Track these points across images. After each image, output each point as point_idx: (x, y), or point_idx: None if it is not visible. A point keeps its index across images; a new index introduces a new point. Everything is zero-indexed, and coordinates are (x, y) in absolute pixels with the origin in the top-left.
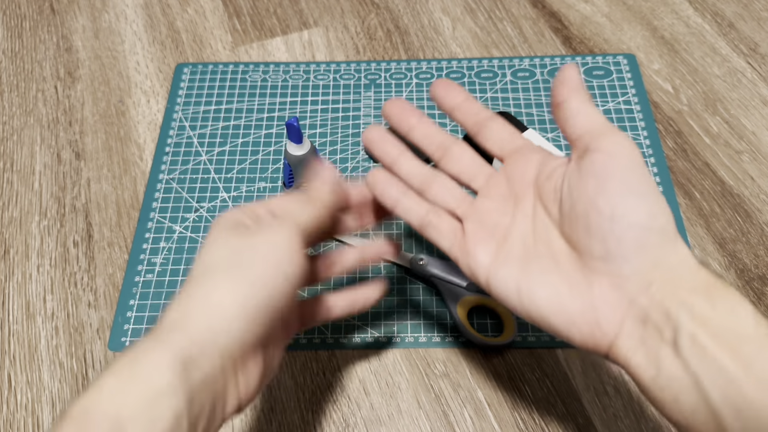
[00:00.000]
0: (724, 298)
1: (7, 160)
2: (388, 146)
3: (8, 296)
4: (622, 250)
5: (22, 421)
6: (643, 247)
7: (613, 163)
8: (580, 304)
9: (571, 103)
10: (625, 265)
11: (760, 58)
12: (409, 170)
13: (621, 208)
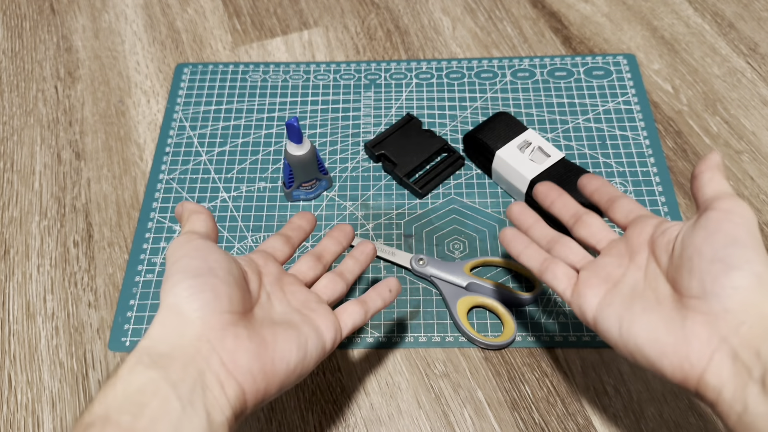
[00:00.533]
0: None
1: (8, 160)
2: (526, 215)
3: (8, 296)
4: (717, 289)
5: (22, 420)
6: (737, 288)
7: (725, 218)
8: (673, 338)
9: (705, 174)
10: (718, 303)
11: (759, 58)
12: (540, 233)
13: (722, 253)
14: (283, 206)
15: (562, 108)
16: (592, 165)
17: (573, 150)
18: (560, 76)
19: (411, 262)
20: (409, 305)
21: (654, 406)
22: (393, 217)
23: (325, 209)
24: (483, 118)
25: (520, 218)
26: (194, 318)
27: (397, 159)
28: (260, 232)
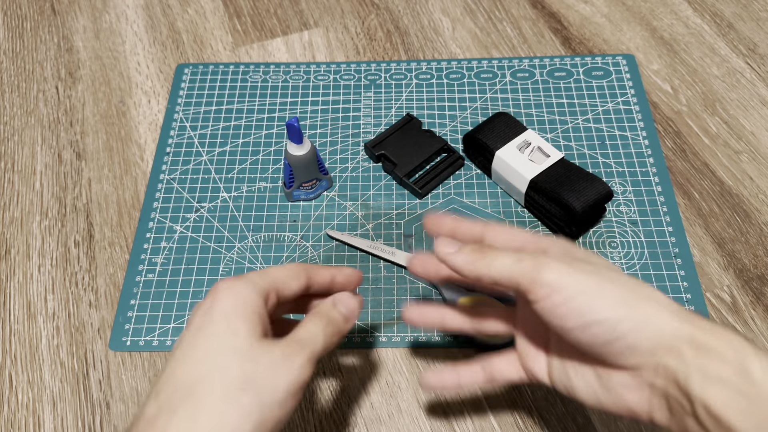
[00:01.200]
0: (726, 356)
1: (8, 161)
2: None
3: (9, 296)
4: (609, 357)
5: (23, 420)
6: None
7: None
8: (612, 397)
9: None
10: (628, 359)
11: (759, 59)
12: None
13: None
14: (283, 206)
15: (562, 108)
16: (592, 165)
17: (572, 150)
18: (560, 76)
19: None
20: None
21: None
22: (393, 217)
23: (325, 209)
24: (483, 118)
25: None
26: None
27: (397, 159)
28: (260, 232)
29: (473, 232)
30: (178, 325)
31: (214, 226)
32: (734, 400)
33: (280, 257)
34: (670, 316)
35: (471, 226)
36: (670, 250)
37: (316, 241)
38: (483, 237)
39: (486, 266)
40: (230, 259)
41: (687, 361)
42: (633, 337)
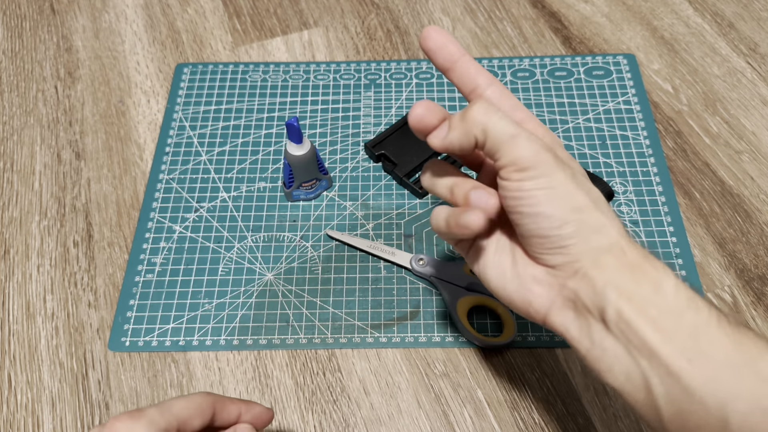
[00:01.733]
0: (648, 274)
1: (7, 160)
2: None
3: (8, 296)
4: (540, 249)
5: (22, 421)
6: (562, 245)
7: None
8: (517, 285)
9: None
10: (555, 258)
11: (759, 58)
12: None
13: (552, 213)
14: (283, 206)
15: (562, 108)
16: (593, 165)
17: (573, 150)
18: (560, 76)
19: (411, 262)
20: (409, 305)
21: None
22: (393, 217)
23: (325, 209)
24: None
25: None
26: None
27: (397, 159)
28: (260, 232)
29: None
30: (177, 326)
31: (213, 226)
32: (646, 310)
33: (280, 257)
34: (614, 235)
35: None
36: (671, 250)
37: (315, 241)
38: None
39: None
40: (230, 259)
41: (607, 273)
42: (571, 241)
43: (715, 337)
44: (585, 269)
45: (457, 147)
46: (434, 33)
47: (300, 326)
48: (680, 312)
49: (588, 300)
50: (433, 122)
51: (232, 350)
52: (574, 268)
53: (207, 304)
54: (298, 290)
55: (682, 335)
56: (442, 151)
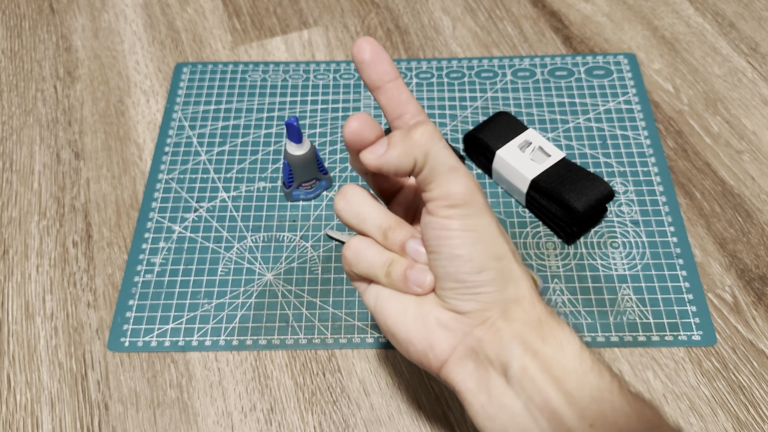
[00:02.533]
0: (555, 332)
1: (7, 160)
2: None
3: (7, 296)
4: (452, 293)
5: (21, 421)
6: (477, 291)
7: (441, 233)
8: (420, 326)
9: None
10: (467, 304)
11: (760, 58)
12: None
13: (473, 257)
14: (282, 206)
15: (563, 107)
16: (593, 165)
17: (573, 150)
18: (561, 75)
19: None
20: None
21: None
22: None
23: (325, 209)
24: (483, 117)
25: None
26: None
27: None
28: (260, 232)
29: (403, 100)
30: (176, 326)
31: (213, 226)
32: (552, 369)
33: (280, 257)
34: (525, 288)
35: (407, 95)
36: (672, 251)
37: (315, 241)
38: (408, 118)
39: (422, 155)
40: (229, 259)
41: (516, 325)
42: (487, 289)
43: (617, 403)
44: (494, 319)
45: (393, 168)
46: (368, 45)
47: (300, 326)
48: (584, 374)
49: (492, 351)
50: (370, 138)
51: (231, 350)
52: (484, 316)
53: (206, 304)
54: (298, 290)
55: (585, 398)
56: (375, 170)
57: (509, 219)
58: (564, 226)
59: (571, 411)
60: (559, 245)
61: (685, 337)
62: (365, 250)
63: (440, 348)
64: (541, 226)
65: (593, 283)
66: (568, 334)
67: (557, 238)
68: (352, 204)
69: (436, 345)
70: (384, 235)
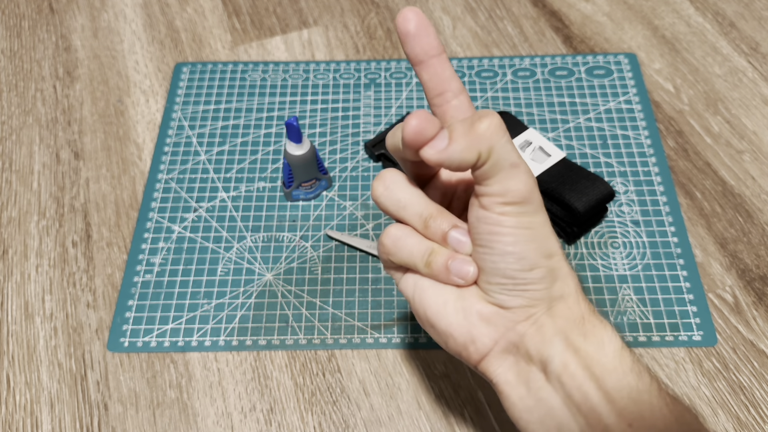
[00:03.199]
0: (597, 330)
1: (6, 160)
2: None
3: (7, 296)
4: (513, 286)
5: (20, 421)
6: (526, 288)
7: (493, 228)
8: (461, 318)
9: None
10: (514, 300)
11: (761, 58)
12: None
13: (527, 255)
14: (282, 206)
15: (563, 107)
16: (593, 164)
17: (574, 149)
18: (561, 75)
19: None
20: (410, 305)
21: None
22: None
23: (325, 209)
24: None
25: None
26: None
27: None
28: (259, 231)
29: (446, 77)
30: (176, 326)
31: (212, 226)
32: (592, 368)
33: (279, 257)
34: (572, 286)
35: (450, 72)
36: (672, 251)
37: (315, 241)
38: (450, 96)
39: (487, 149)
40: (229, 259)
41: (559, 322)
42: (536, 286)
43: (656, 405)
44: (538, 315)
45: (457, 163)
46: (414, 15)
47: (300, 327)
48: (624, 374)
49: (533, 347)
50: (431, 134)
51: (231, 351)
52: (529, 312)
53: (206, 304)
54: (298, 290)
55: (624, 398)
56: (436, 165)
57: None
58: (564, 226)
59: (610, 409)
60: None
61: (685, 337)
62: (405, 238)
63: (482, 342)
64: None
65: (593, 283)
66: (610, 332)
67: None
68: (392, 190)
69: (477, 339)
70: (425, 224)
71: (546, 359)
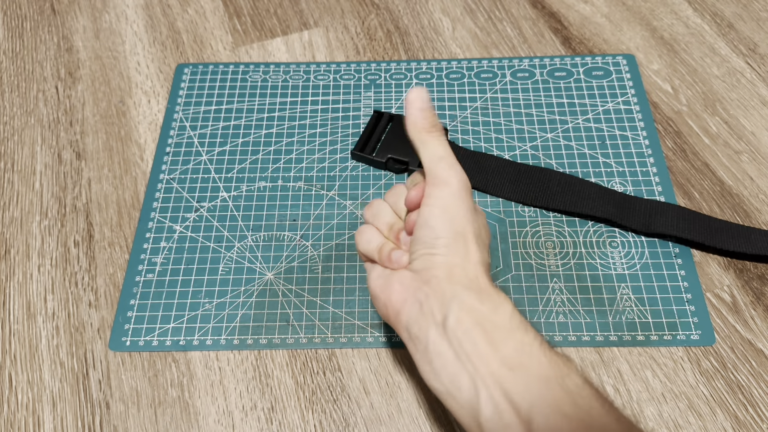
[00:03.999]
0: (491, 298)
1: (8, 161)
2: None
3: (9, 296)
4: (414, 255)
5: (22, 420)
6: (430, 252)
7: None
8: (382, 285)
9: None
10: (422, 264)
11: (759, 59)
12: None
13: (436, 225)
14: (283, 206)
15: (562, 108)
16: (592, 165)
17: (573, 150)
18: (560, 76)
19: None
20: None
21: (653, 406)
22: None
23: (325, 208)
24: (483, 118)
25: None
26: None
27: (405, 157)
28: (260, 231)
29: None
30: (177, 325)
31: (213, 225)
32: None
33: (280, 257)
34: (474, 262)
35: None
36: (671, 250)
37: (315, 241)
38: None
39: (421, 141)
40: (230, 258)
41: (457, 288)
42: (438, 250)
43: (535, 354)
44: (439, 279)
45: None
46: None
47: (300, 326)
48: (511, 330)
49: (435, 306)
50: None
51: (232, 350)
52: (430, 275)
53: (207, 303)
54: (298, 290)
55: (508, 348)
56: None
57: (509, 218)
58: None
59: (496, 356)
60: (558, 245)
61: (683, 336)
62: (368, 233)
63: (395, 299)
64: (541, 225)
65: (592, 283)
66: (503, 300)
67: (556, 237)
68: (372, 208)
69: (392, 297)
70: (389, 228)
71: (444, 317)
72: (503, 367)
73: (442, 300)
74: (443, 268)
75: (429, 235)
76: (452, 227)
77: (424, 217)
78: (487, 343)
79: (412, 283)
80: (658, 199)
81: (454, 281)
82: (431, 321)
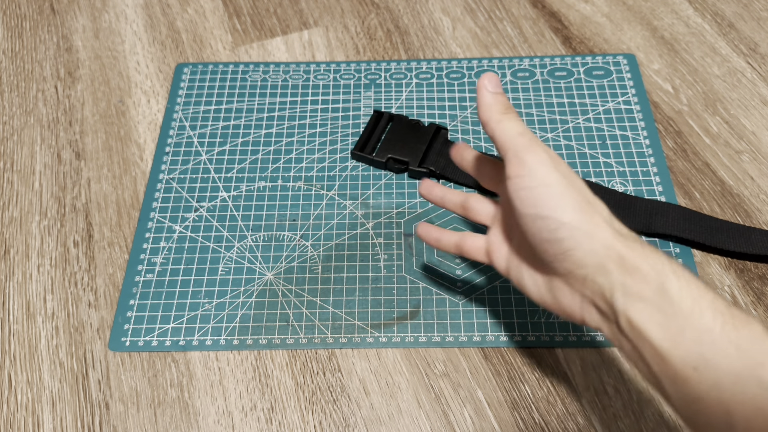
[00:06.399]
0: (650, 278)
1: (8, 160)
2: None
3: (8, 296)
4: (547, 257)
5: (22, 420)
6: (563, 250)
7: (522, 189)
8: (551, 298)
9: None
10: (562, 264)
11: (759, 58)
12: (451, 201)
13: (548, 213)
14: (282, 205)
15: (562, 108)
16: (592, 165)
17: (573, 150)
18: (560, 76)
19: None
20: (409, 305)
21: (654, 406)
22: (393, 216)
23: (325, 208)
24: None
25: (430, 196)
26: None
27: (405, 157)
28: (260, 231)
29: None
30: (177, 325)
31: (213, 225)
32: (653, 316)
33: (280, 257)
34: (608, 234)
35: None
36: (671, 250)
37: (315, 241)
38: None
39: (497, 121)
40: (229, 258)
41: (612, 278)
42: (568, 244)
43: (718, 344)
44: (592, 276)
45: None
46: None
47: (300, 326)
48: (685, 317)
49: (602, 306)
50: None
51: (232, 350)
52: (581, 275)
53: (207, 303)
54: (298, 290)
55: (687, 342)
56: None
57: None
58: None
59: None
60: None
61: None
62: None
63: (571, 311)
64: None
65: None
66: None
67: None
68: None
69: (567, 310)
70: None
71: (615, 316)
72: (687, 367)
73: (604, 299)
74: (589, 265)
75: (547, 227)
76: (571, 207)
77: (531, 203)
78: (665, 341)
79: (573, 290)
80: (659, 199)
81: (603, 272)
82: (609, 321)
